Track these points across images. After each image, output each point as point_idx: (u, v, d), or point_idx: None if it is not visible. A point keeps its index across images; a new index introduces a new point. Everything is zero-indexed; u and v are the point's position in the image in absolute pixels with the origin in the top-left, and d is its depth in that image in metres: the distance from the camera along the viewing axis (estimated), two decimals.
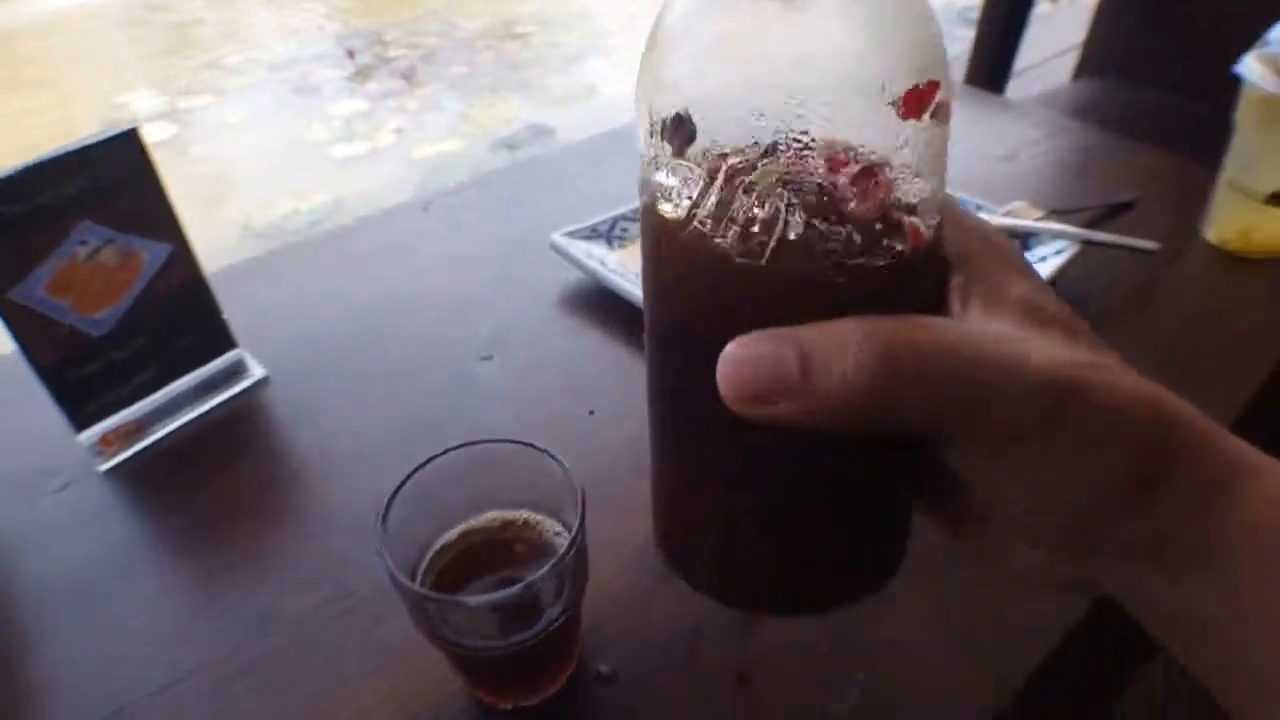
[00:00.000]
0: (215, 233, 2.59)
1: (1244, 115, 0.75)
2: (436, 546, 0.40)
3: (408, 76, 4.01)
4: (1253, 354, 0.65)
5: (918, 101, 0.19)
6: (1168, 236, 0.75)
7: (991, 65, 1.37)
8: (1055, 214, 0.80)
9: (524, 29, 4.59)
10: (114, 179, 0.56)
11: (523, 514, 0.41)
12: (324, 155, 3.28)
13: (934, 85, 0.19)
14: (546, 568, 0.34)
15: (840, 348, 0.20)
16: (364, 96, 3.81)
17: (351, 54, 4.38)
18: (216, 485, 0.56)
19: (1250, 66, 0.73)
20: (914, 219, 0.21)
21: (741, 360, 0.20)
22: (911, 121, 0.19)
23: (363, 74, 4.11)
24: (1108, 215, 0.83)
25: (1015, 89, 2.03)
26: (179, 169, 3.30)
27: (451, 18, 4.85)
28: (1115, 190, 0.86)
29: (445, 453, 0.38)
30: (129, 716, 0.43)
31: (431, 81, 3.93)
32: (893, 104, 0.19)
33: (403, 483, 0.37)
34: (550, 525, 0.40)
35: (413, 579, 0.38)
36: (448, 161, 3.11)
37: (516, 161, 0.91)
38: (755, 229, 0.20)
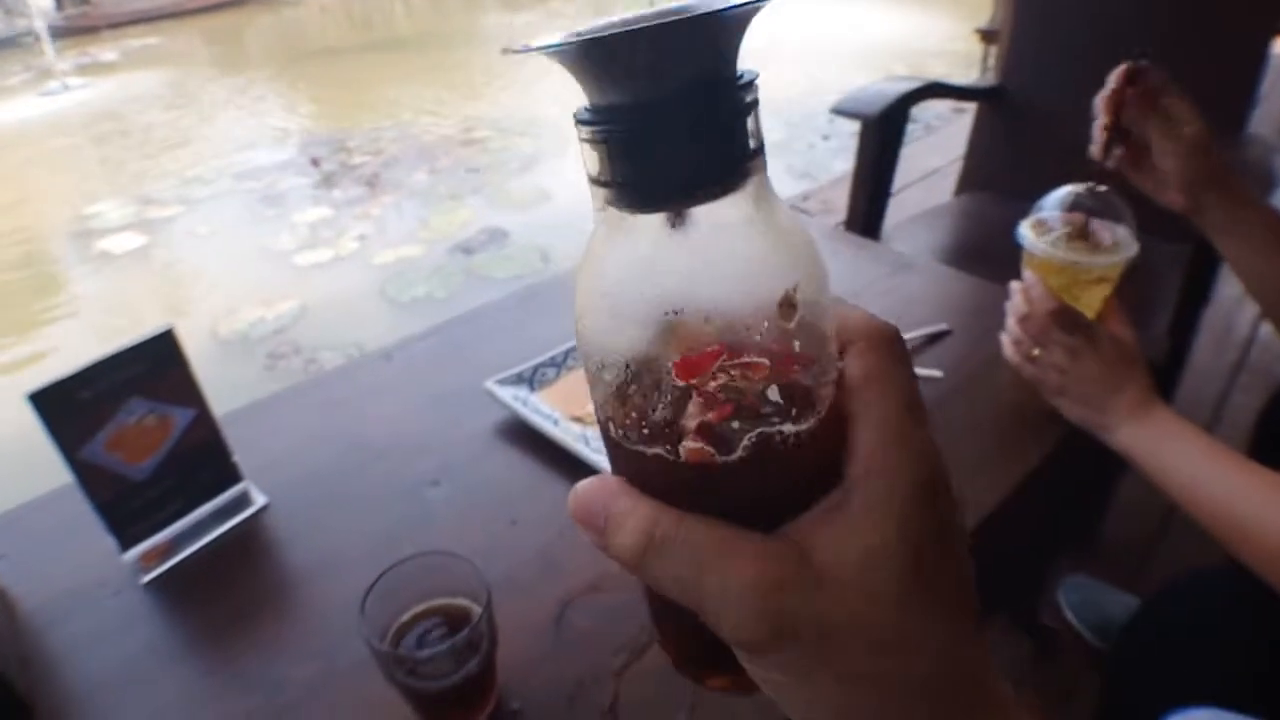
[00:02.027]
0: (183, 340, 2.72)
1: (1026, 273, 0.90)
2: (398, 623, 0.60)
3: (371, 184, 4.19)
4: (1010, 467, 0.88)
5: (790, 308, 0.23)
6: (967, 360, 0.98)
7: (865, 213, 1.61)
8: None
9: (481, 134, 4.80)
10: (154, 364, 0.76)
11: (455, 600, 0.61)
12: (289, 263, 3.42)
13: (794, 291, 0.23)
14: (465, 631, 0.55)
15: (625, 523, 0.25)
16: (328, 204, 3.98)
17: (316, 162, 4.57)
18: (233, 591, 0.76)
19: (1023, 232, 0.89)
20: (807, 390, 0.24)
21: (575, 497, 0.26)
22: (791, 324, 0.23)
23: (327, 181, 4.29)
24: (929, 342, 1.06)
25: (904, 201, 2.30)
26: (147, 278, 3.44)
27: (411, 124, 5.04)
28: (939, 319, 1.09)
29: (401, 562, 0.59)
30: None
31: (393, 189, 4.10)
32: (769, 308, 0.23)
33: (373, 584, 0.58)
34: (474, 607, 0.60)
35: (381, 643, 0.58)
36: (408, 266, 3.26)
37: (460, 314, 1.11)
38: (668, 430, 0.24)
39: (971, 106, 1.93)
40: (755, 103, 0.23)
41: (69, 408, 0.71)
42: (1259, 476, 0.71)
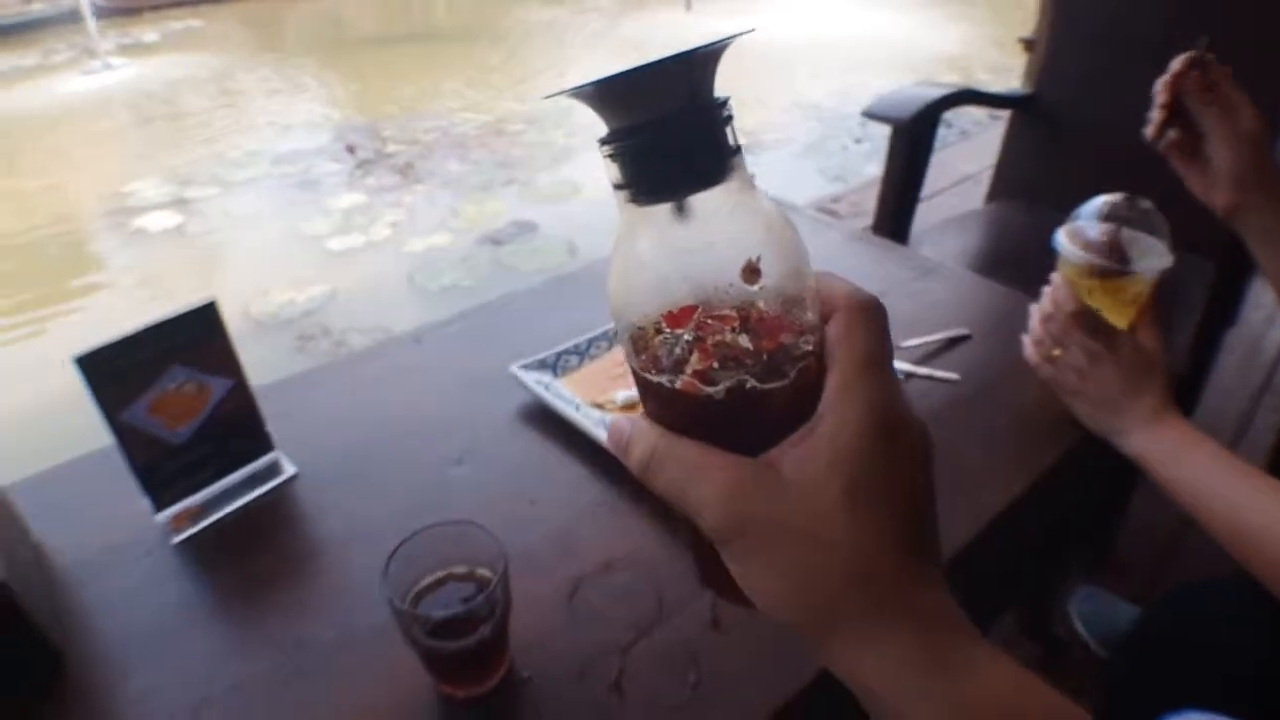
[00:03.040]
0: None
1: (1054, 276, 0.91)
2: (418, 587, 0.63)
3: (404, 172, 4.25)
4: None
5: (753, 273, 0.30)
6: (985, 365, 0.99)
7: (893, 216, 1.62)
8: (898, 348, 1.04)
9: (515, 127, 4.84)
10: (197, 334, 0.79)
11: (474, 568, 0.64)
12: (322, 247, 3.47)
13: (757, 260, 0.30)
14: (482, 594, 0.57)
15: (637, 443, 0.32)
16: (363, 190, 4.03)
17: (352, 149, 4.63)
18: (260, 555, 0.79)
19: (1059, 238, 0.90)
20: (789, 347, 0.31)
21: (610, 428, 0.34)
22: (758, 285, 0.30)
23: (362, 168, 4.34)
24: (947, 346, 1.07)
25: (936, 205, 2.30)
26: (181, 256, 3.50)
27: (446, 115, 5.10)
28: (959, 324, 1.10)
29: (425, 529, 0.62)
30: (210, 705, 0.64)
31: (426, 178, 4.15)
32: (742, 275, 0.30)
33: (397, 548, 0.60)
34: (491, 574, 0.63)
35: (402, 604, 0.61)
36: (437, 255, 3.31)
37: (489, 301, 1.15)
38: (680, 366, 0.31)
39: (1007, 114, 1.93)
40: (730, 117, 0.30)
41: (112, 372, 0.74)
42: (1269, 485, 0.72)
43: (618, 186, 0.30)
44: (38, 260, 3.58)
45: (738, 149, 0.30)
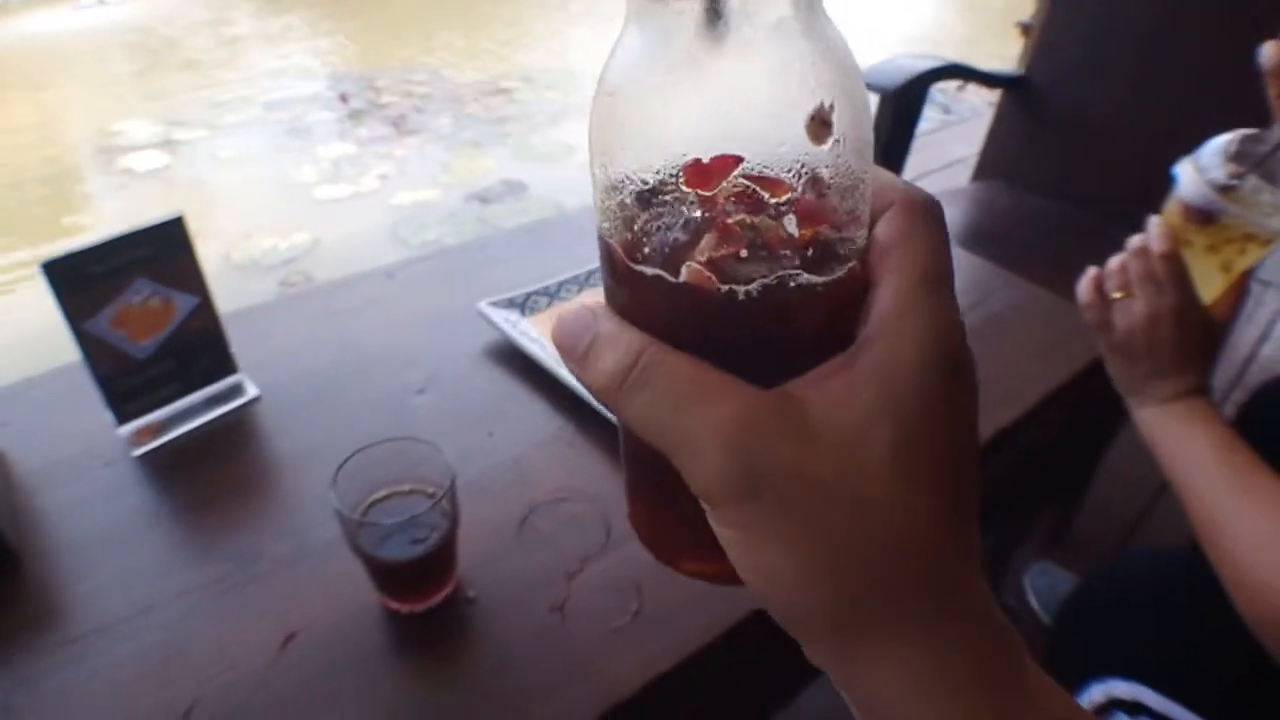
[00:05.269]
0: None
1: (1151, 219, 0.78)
2: (368, 500, 0.64)
3: (397, 125, 4.20)
4: None
5: (824, 126, 0.21)
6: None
7: None
8: None
9: (510, 84, 4.79)
10: (163, 249, 0.79)
11: (424, 486, 0.65)
12: (308, 195, 3.44)
13: (830, 109, 0.21)
14: (428, 506, 0.58)
15: (608, 348, 0.23)
16: (354, 141, 3.99)
17: (345, 98, 4.57)
18: (218, 471, 0.80)
19: (1179, 170, 0.76)
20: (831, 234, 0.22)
21: (559, 321, 0.24)
22: (824, 147, 0.21)
23: (354, 118, 4.29)
24: None
25: (924, 185, 2.30)
26: (167, 197, 3.45)
27: (442, 69, 5.04)
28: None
29: (375, 444, 0.63)
30: (157, 610, 0.65)
31: (418, 132, 4.11)
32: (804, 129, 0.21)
33: (347, 459, 0.61)
34: (439, 490, 0.64)
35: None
36: (423, 209, 3.28)
37: (465, 241, 1.16)
38: (680, 250, 0.22)
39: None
40: None
41: (79, 280, 0.74)
42: (1258, 492, 0.69)
43: None
44: (24, 197, 3.54)
45: None
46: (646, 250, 0.22)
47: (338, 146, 3.94)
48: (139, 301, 0.79)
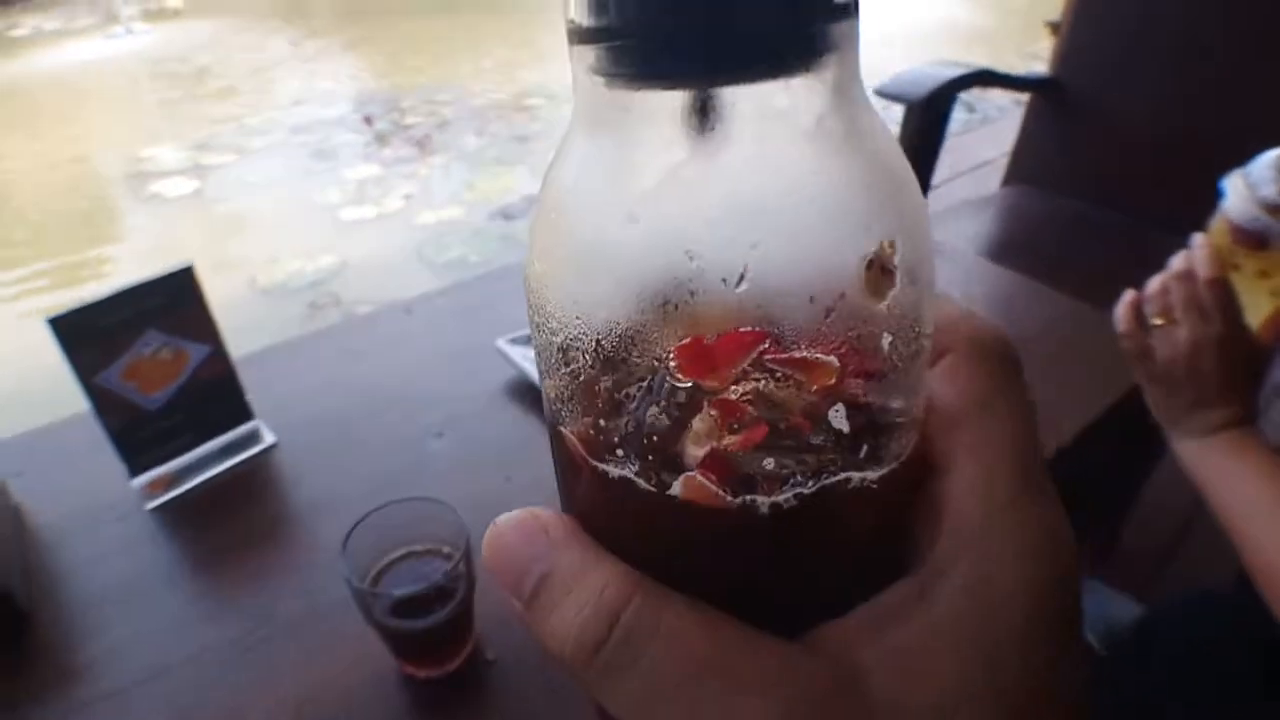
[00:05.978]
0: (224, 287, 2.73)
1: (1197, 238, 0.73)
2: (380, 564, 0.61)
3: (421, 145, 4.22)
4: None
5: (885, 275, 0.15)
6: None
7: None
8: None
9: (533, 101, 4.80)
10: (173, 299, 0.78)
11: (439, 546, 0.62)
12: (334, 217, 3.44)
13: (892, 250, 0.15)
14: (442, 573, 0.55)
15: (571, 592, 0.17)
16: (378, 162, 4.00)
17: (369, 120, 4.61)
18: (233, 522, 0.78)
19: (1227, 184, 0.72)
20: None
21: (494, 534, 0.18)
22: (883, 304, 0.15)
23: (379, 140, 4.32)
24: None
25: (953, 189, 2.26)
26: (196, 222, 3.48)
27: (465, 88, 5.06)
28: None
29: (386, 505, 0.60)
30: (169, 675, 0.63)
31: (442, 151, 4.13)
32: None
33: (355, 525, 0.59)
34: (455, 552, 0.61)
35: (361, 582, 0.59)
36: (448, 228, 3.28)
37: (487, 270, 1.14)
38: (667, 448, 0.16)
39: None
40: None
41: (87, 334, 0.73)
42: None
43: (580, 33, 0.15)
44: (56, 223, 3.59)
45: (855, 4, 0.14)
46: (616, 441, 0.16)
47: (363, 168, 3.95)
48: (150, 353, 0.77)
